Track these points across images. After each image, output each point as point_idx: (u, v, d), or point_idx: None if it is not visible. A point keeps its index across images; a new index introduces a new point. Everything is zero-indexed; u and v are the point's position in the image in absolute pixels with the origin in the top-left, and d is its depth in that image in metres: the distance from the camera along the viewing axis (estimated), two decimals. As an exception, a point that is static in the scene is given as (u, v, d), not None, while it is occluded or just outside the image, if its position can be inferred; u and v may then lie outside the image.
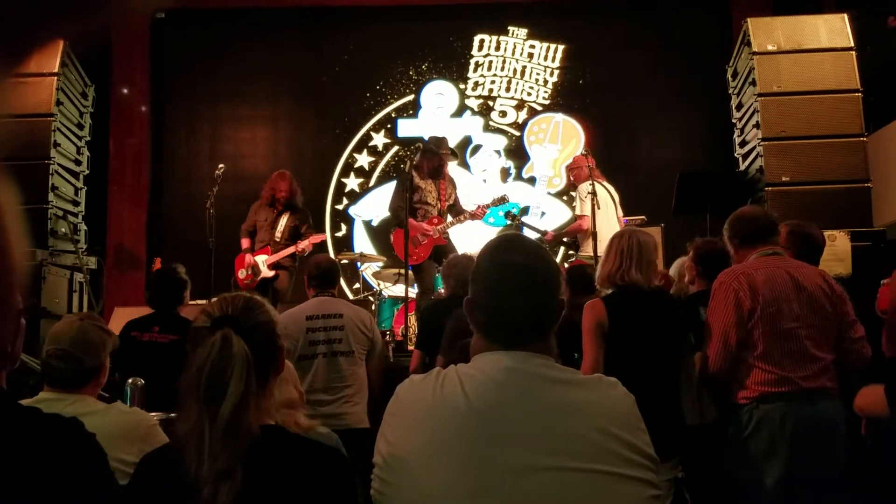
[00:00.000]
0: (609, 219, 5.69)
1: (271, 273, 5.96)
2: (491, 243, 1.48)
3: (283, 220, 6.02)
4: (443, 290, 4.70)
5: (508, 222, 6.38)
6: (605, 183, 5.80)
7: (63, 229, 5.81)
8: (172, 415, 1.79)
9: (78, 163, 6.34)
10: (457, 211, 6.05)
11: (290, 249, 5.98)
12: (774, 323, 2.82)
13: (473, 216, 5.94)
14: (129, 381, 2.62)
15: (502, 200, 6.15)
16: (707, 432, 3.07)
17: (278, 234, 6.00)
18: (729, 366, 2.87)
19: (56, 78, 5.83)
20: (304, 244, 5.95)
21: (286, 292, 5.99)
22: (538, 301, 1.37)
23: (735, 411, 2.89)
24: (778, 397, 2.78)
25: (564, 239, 6.23)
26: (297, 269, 6.01)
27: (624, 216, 6.14)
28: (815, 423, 2.76)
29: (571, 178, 6.13)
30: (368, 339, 3.97)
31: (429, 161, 5.96)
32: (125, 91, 8.35)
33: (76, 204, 6.27)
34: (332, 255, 8.01)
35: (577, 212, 5.98)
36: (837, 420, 2.79)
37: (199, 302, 5.85)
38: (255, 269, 5.99)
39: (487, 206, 6.06)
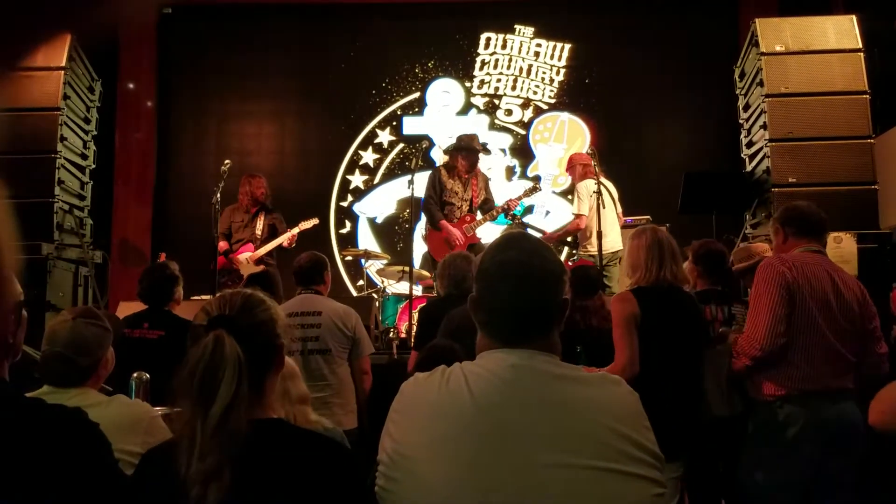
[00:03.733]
0: (612, 216, 5.70)
1: (259, 268, 6.05)
2: (493, 242, 1.50)
3: (261, 220, 6.30)
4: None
5: (510, 222, 6.40)
6: (605, 180, 5.80)
7: (69, 223, 5.82)
8: (177, 409, 1.79)
9: (84, 157, 6.36)
10: (489, 206, 6.10)
11: (276, 243, 6.20)
12: (811, 320, 2.79)
13: (506, 209, 6.00)
14: (135, 374, 2.63)
15: (533, 190, 6.19)
16: (708, 430, 3.05)
17: (258, 232, 6.25)
18: (777, 346, 2.78)
19: (63, 72, 5.85)
20: (289, 236, 6.22)
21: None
22: (536, 299, 1.37)
23: (759, 407, 2.86)
24: (806, 396, 2.76)
25: (568, 238, 6.23)
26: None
27: (629, 216, 6.15)
28: (839, 424, 2.75)
29: (570, 178, 6.18)
30: (349, 338, 3.89)
31: (466, 159, 6.03)
32: (131, 86, 8.36)
33: (82, 198, 6.29)
34: (336, 251, 8.05)
35: (575, 210, 5.99)
36: (859, 420, 2.76)
37: (204, 297, 5.88)
38: (231, 269, 6.10)
39: (519, 198, 6.10)
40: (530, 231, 6.26)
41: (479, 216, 6.07)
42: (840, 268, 3.00)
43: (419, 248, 6.62)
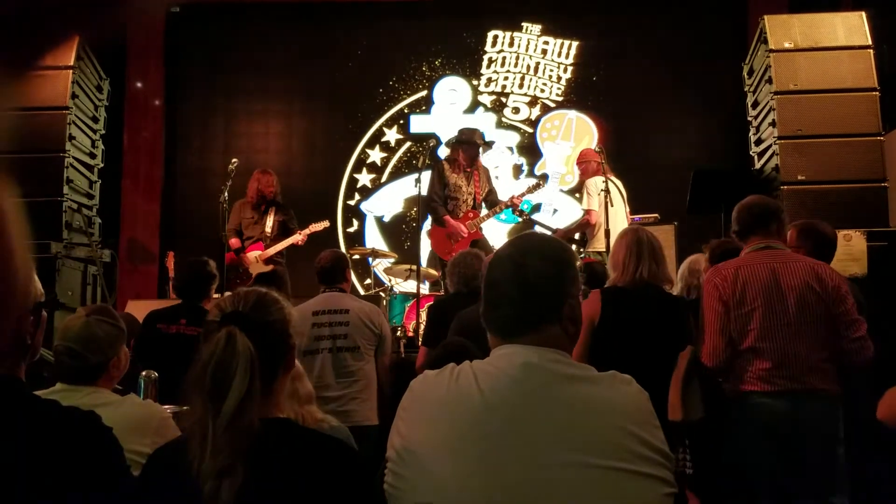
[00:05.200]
0: (621, 215, 5.68)
1: (269, 268, 6.03)
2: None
3: (271, 217, 6.23)
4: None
5: (519, 219, 6.39)
6: (614, 178, 5.79)
7: (78, 222, 5.84)
8: (186, 408, 1.79)
9: (93, 156, 6.38)
10: (493, 202, 6.10)
11: (286, 243, 6.15)
12: (753, 321, 2.81)
13: (510, 206, 6.00)
14: (143, 373, 2.63)
15: (537, 187, 6.18)
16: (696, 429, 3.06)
17: (268, 230, 6.19)
18: (725, 360, 2.86)
19: (72, 71, 5.86)
20: (299, 238, 6.17)
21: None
22: (522, 292, 1.37)
23: (724, 406, 2.92)
24: (757, 395, 2.78)
25: (576, 236, 6.22)
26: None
27: (637, 214, 6.13)
28: (794, 423, 2.73)
29: (580, 172, 6.16)
30: (375, 334, 3.95)
31: (467, 152, 6.03)
32: (139, 85, 8.38)
33: (90, 197, 6.31)
34: (343, 250, 8.03)
35: (584, 206, 5.98)
36: (821, 421, 2.76)
37: (213, 295, 5.89)
38: (242, 267, 6.09)
39: (522, 195, 6.10)
40: (538, 228, 6.25)
41: (482, 212, 6.07)
42: (794, 257, 2.95)
43: (426, 247, 6.62)
